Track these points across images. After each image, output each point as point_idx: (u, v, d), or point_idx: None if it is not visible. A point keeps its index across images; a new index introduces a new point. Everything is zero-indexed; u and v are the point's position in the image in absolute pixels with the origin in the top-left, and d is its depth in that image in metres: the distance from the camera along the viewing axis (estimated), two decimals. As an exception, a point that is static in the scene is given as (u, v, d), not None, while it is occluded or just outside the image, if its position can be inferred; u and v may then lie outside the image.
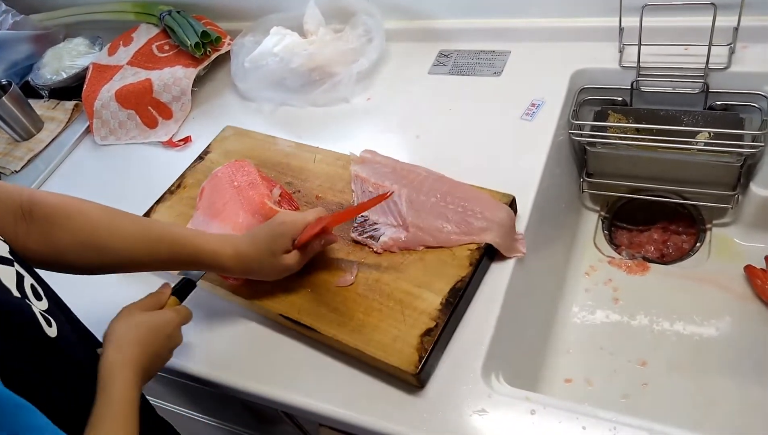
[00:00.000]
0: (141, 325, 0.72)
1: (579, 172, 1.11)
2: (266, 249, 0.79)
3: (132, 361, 0.67)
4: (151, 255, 0.76)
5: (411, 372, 0.71)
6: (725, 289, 0.98)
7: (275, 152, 1.06)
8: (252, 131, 1.13)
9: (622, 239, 1.11)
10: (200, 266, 0.80)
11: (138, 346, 0.69)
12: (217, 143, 1.12)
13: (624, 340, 0.97)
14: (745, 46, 0.97)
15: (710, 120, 0.99)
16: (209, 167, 1.05)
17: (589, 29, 1.07)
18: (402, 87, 1.15)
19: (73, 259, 0.73)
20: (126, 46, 1.38)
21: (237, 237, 0.82)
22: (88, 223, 0.73)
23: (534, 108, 1.01)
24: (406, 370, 0.71)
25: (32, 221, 0.70)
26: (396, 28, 1.23)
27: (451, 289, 0.78)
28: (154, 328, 0.72)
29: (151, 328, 0.72)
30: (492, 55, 1.14)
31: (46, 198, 0.72)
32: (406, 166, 0.93)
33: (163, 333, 0.73)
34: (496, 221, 0.82)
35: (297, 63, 1.14)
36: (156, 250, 0.76)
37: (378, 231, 0.87)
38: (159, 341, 0.72)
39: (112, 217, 0.75)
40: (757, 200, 0.97)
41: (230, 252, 0.79)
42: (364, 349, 0.74)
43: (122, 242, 0.74)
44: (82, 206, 0.74)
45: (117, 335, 0.69)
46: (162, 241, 0.76)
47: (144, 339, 0.70)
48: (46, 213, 0.71)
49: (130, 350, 0.68)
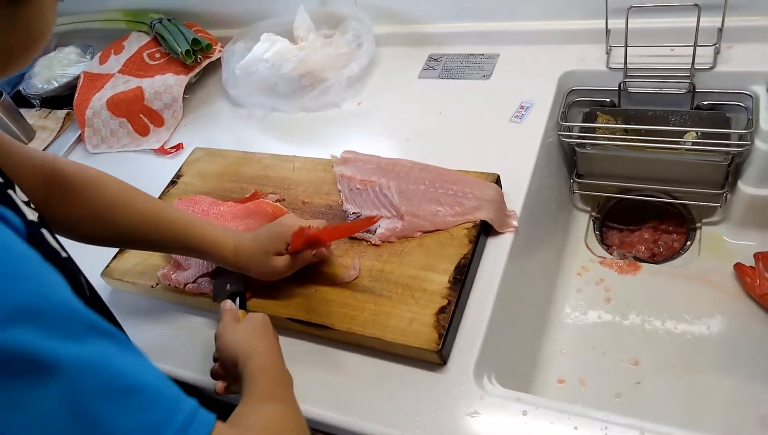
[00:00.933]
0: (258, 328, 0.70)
1: (569, 173, 1.12)
2: (261, 247, 0.80)
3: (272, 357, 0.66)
4: (159, 236, 0.79)
5: (433, 350, 0.72)
6: (716, 287, 0.99)
7: (252, 167, 1.05)
8: (223, 149, 1.11)
9: (613, 239, 1.12)
10: (202, 254, 0.81)
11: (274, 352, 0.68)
12: (188, 166, 1.10)
13: (616, 339, 0.97)
14: (729, 46, 0.98)
15: (697, 120, 1.00)
16: (184, 190, 1.05)
17: (576, 31, 1.08)
18: (392, 91, 1.16)
19: (85, 230, 0.75)
20: (117, 55, 1.38)
21: (241, 232, 0.84)
22: (105, 198, 0.75)
23: (523, 110, 1.02)
24: (428, 348, 0.73)
25: (51, 188, 0.72)
26: (386, 33, 1.24)
27: (456, 266, 0.80)
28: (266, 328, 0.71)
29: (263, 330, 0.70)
30: (481, 59, 1.15)
31: (67, 166, 0.74)
32: (390, 160, 0.94)
33: (271, 329, 0.71)
34: (487, 199, 0.85)
35: (287, 69, 1.15)
36: (164, 232, 0.78)
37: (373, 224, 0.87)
38: (274, 338, 0.71)
39: (128, 194, 0.78)
40: (745, 198, 0.98)
41: (231, 244, 0.80)
42: (382, 336, 0.75)
43: (134, 220, 0.77)
44: (101, 180, 0.76)
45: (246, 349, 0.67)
46: (171, 224, 0.78)
47: (272, 341, 0.69)
48: (65, 182, 0.73)
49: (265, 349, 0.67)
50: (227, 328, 0.72)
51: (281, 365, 0.67)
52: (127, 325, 0.89)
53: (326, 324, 0.79)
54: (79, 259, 1.01)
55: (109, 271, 0.95)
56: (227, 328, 0.72)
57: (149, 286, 0.91)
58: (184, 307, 0.91)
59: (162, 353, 0.85)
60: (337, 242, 0.88)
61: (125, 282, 0.93)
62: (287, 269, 0.81)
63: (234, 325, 0.72)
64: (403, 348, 0.75)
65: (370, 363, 0.78)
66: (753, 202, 0.97)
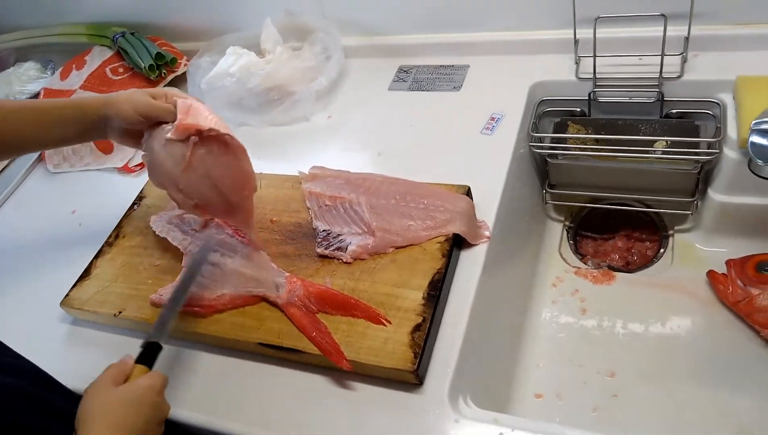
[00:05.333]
0: (115, 402, 0.63)
1: (541, 184, 1.11)
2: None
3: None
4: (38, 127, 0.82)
5: (409, 370, 0.71)
6: (690, 295, 0.99)
7: None
8: None
9: (588, 248, 1.12)
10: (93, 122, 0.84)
11: (110, 427, 0.60)
12: (150, 186, 1.07)
13: (593, 351, 0.97)
14: (696, 54, 0.98)
15: (667, 128, 1.00)
16: (146, 212, 1.01)
17: (545, 42, 1.07)
18: (362, 104, 1.15)
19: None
20: (79, 70, 1.34)
21: None
22: None
23: (494, 122, 1.01)
24: (404, 368, 0.71)
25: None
26: (355, 45, 1.22)
27: (430, 282, 0.78)
28: (134, 402, 0.63)
29: (129, 403, 0.63)
30: (451, 70, 1.14)
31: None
32: (360, 175, 0.93)
33: (146, 404, 0.64)
34: (458, 211, 0.84)
35: (254, 83, 1.13)
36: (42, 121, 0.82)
37: (344, 241, 0.86)
38: (143, 416, 0.63)
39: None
40: (716, 206, 0.98)
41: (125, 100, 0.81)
42: (356, 357, 0.73)
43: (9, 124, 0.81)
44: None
45: (84, 417, 0.61)
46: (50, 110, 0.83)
47: (124, 419, 0.61)
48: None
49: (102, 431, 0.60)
50: (92, 387, 0.65)
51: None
52: (88, 356, 0.88)
53: (298, 348, 0.77)
54: (36, 290, 0.99)
55: (68, 301, 0.92)
56: (92, 387, 0.65)
57: (112, 315, 0.88)
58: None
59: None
60: (307, 263, 0.86)
61: (86, 311, 0.90)
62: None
63: (100, 386, 0.65)
64: (378, 369, 0.73)
65: (343, 385, 0.76)
66: (723, 210, 0.98)
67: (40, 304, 0.96)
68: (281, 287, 0.81)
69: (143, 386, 0.65)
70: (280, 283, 0.81)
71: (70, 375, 0.78)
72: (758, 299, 0.90)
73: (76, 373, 0.85)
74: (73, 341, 0.91)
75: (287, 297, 0.80)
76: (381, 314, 0.76)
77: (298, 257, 0.87)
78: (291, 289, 0.80)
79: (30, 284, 1.01)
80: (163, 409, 0.66)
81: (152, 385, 0.66)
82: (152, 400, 0.65)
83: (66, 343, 0.91)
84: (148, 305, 0.87)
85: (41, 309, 0.95)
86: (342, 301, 0.78)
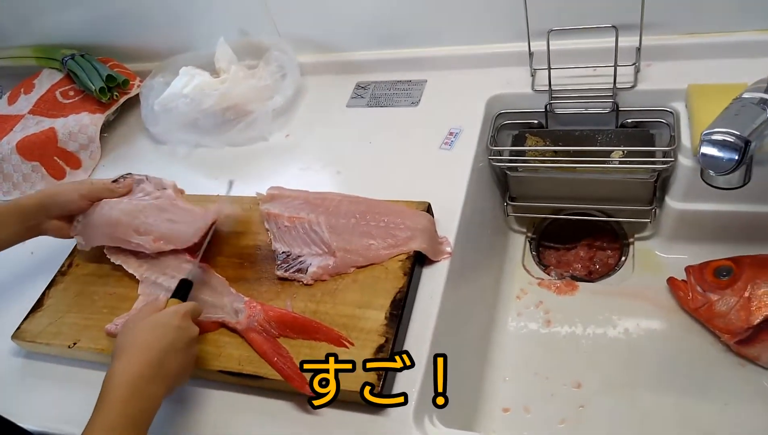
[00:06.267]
0: (145, 328, 0.69)
1: (502, 196, 1.11)
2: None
3: (133, 367, 0.65)
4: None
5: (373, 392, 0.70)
6: (651, 302, 1.00)
7: None
8: None
9: (551, 259, 1.12)
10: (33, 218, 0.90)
11: (141, 349, 0.66)
12: None
13: (558, 362, 0.96)
14: (648, 64, 0.99)
15: (623, 138, 1.01)
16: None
17: (501, 55, 1.07)
18: (321, 122, 1.13)
19: None
20: (27, 94, 1.30)
21: None
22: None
23: (452, 136, 1.01)
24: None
25: None
26: (311, 62, 1.21)
27: (392, 301, 0.77)
28: (159, 325, 0.69)
29: (155, 326, 0.69)
30: (409, 85, 1.14)
31: None
32: (319, 195, 0.91)
33: (171, 326, 0.69)
34: (419, 228, 0.83)
35: (209, 103, 1.11)
36: None
37: (304, 263, 0.84)
38: (168, 336, 0.68)
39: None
40: (674, 213, 0.99)
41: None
42: None
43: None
44: None
45: (119, 346, 0.68)
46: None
47: (147, 340, 0.67)
48: None
49: (131, 355, 0.66)
50: (127, 320, 0.74)
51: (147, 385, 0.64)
52: (43, 391, 0.84)
53: (259, 374, 0.75)
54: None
55: (20, 334, 0.88)
56: (127, 320, 0.74)
57: (66, 347, 0.84)
58: (104, 367, 0.84)
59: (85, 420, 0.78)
60: (267, 286, 0.84)
61: (39, 344, 0.86)
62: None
63: (134, 319, 0.72)
64: (342, 393, 0.71)
65: (306, 411, 0.73)
66: (681, 217, 0.99)
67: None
68: (240, 313, 0.79)
69: (168, 312, 0.71)
70: (239, 309, 0.79)
71: (25, 411, 0.75)
72: (717, 305, 0.91)
73: (31, 409, 0.82)
74: (27, 376, 0.87)
75: (247, 322, 0.78)
76: (343, 336, 0.74)
77: (257, 281, 0.85)
78: (251, 314, 0.78)
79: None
80: (189, 332, 0.71)
81: (176, 311, 0.71)
82: (177, 323, 0.70)
83: (19, 378, 0.88)
84: (103, 336, 0.84)
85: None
86: (303, 324, 0.77)
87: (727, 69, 0.94)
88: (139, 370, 0.64)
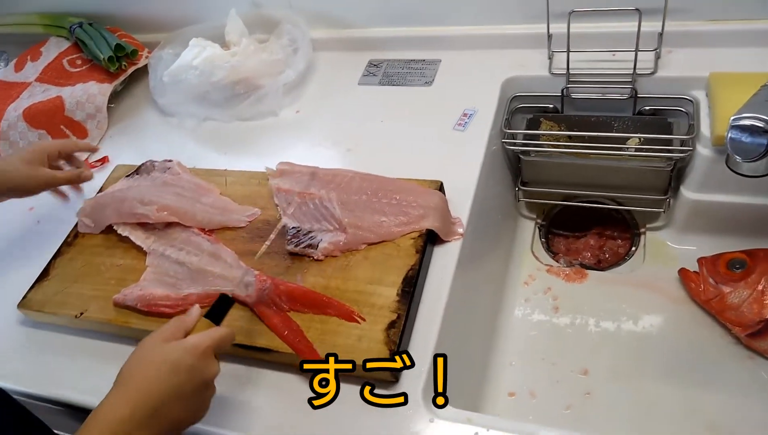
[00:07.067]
0: (153, 362, 0.59)
1: (514, 181, 1.10)
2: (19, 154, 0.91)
3: (123, 407, 0.56)
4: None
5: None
6: (661, 293, 0.99)
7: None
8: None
9: (560, 246, 1.11)
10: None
11: (138, 388, 0.57)
12: (110, 183, 1.02)
13: (565, 349, 0.96)
14: (669, 51, 0.98)
15: (640, 125, 1.00)
16: None
17: (518, 36, 1.06)
18: (332, 99, 1.12)
19: None
20: (34, 62, 1.28)
21: None
22: None
23: (466, 118, 0.99)
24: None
25: None
26: (323, 38, 1.19)
27: (404, 278, 0.76)
28: (169, 364, 0.59)
29: (164, 364, 0.59)
30: (422, 65, 1.12)
31: None
32: (330, 171, 0.90)
33: (182, 367, 0.59)
34: (432, 207, 0.82)
35: (219, 76, 1.09)
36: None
37: (315, 238, 0.83)
38: (176, 378, 0.58)
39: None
40: (688, 204, 0.98)
41: None
42: None
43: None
44: None
45: (120, 373, 0.60)
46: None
47: (149, 377, 0.58)
48: None
49: (126, 392, 0.57)
50: (144, 339, 0.62)
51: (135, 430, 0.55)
52: (48, 361, 0.83)
53: (270, 347, 0.74)
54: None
55: (26, 303, 0.87)
56: (144, 339, 0.62)
57: (73, 316, 0.83)
58: (113, 337, 0.84)
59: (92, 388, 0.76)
60: (277, 261, 0.83)
61: (45, 313, 0.85)
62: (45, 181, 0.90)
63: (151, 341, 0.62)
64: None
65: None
66: (695, 208, 0.97)
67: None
68: (250, 286, 0.77)
69: (184, 347, 0.60)
70: (249, 282, 0.78)
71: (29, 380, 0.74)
72: (729, 297, 0.90)
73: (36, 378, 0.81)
74: (33, 345, 0.86)
75: (257, 296, 0.77)
76: (354, 311, 0.73)
77: (266, 255, 0.84)
78: (261, 288, 0.77)
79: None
80: (204, 373, 0.61)
81: (196, 346, 0.61)
82: (190, 362, 0.60)
83: (24, 347, 0.86)
84: (110, 306, 0.83)
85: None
86: (314, 299, 0.76)
87: (750, 58, 0.92)
88: (129, 412, 0.56)
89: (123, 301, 0.81)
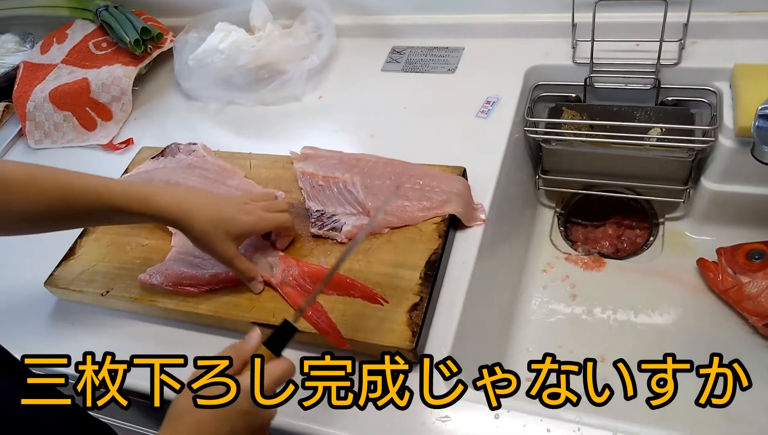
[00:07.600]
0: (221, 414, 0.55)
1: (534, 169, 1.10)
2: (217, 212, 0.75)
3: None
4: (71, 212, 0.72)
5: (407, 348, 0.70)
6: (679, 283, 0.99)
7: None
8: None
9: (578, 235, 1.12)
10: (130, 213, 0.72)
11: (192, 427, 0.55)
12: (135, 167, 1.04)
13: (582, 336, 0.97)
14: (694, 41, 0.98)
15: (662, 115, 1.00)
16: None
17: (542, 25, 1.06)
18: (355, 85, 1.13)
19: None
20: (60, 44, 1.30)
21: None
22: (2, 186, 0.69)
23: (489, 105, 1.00)
24: (402, 347, 0.70)
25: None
26: (347, 24, 1.20)
27: (427, 262, 0.77)
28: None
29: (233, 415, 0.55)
30: (446, 52, 1.12)
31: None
32: (354, 155, 0.91)
33: (240, 409, 0.55)
34: (455, 192, 0.83)
35: (244, 60, 1.10)
36: (77, 206, 0.72)
37: (338, 222, 0.84)
38: (233, 423, 0.55)
39: (30, 175, 0.70)
40: (708, 194, 0.98)
41: (167, 194, 0.73)
42: (353, 336, 0.72)
43: (39, 203, 0.70)
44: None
45: (172, 409, 0.56)
46: (84, 195, 0.71)
47: (208, 418, 0.54)
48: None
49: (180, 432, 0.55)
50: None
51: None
52: (76, 338, 0.85)
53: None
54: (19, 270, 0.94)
55: (53, 280, 0.89)
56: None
57: (99, 295, 0.85)
58: (138, 316, 0.86)
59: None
60: (302, 243, 0.84)
61: (72, 291, 0.87)
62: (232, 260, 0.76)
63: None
64: (376, 348, 0.72)
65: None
66: (715, 198, 0.98)
67: (23, 284, 0.93)
68: (275, 267, 0.79)
69: (241, 390, 0.56)
70: (274, 263, 0.79)
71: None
72: (748, 287, 0.90)
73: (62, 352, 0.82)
74: (58, 322, 0.88)
75: (282, 276, 0.78)
76: (378, 293, 0.74)
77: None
78: (285, 269, 0.78)
79: (13, 264, 0.98)
80: (260, 417, 0.57)
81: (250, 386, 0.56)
82: (245, 409, 0.55)
83: (50, 324, 0.89)
84: (136, 285, 0.84)
85: (25, 289, 0.92)
86: (337, 280, 0.77)
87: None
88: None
89: (148, 280, 0.83)
